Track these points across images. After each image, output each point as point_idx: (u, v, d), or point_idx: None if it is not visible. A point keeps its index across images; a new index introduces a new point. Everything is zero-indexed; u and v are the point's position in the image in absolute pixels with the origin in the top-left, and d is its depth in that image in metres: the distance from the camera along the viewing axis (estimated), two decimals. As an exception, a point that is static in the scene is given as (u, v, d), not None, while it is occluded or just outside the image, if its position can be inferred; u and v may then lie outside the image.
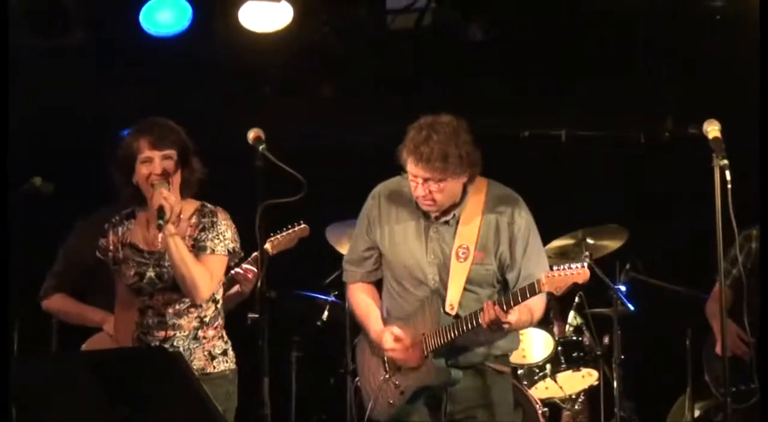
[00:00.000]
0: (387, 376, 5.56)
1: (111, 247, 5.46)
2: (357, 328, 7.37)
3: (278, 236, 6.32)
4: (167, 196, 5.26)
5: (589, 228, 7.48)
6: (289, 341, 7.67)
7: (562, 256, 7.52)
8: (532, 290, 5.22)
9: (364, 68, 7.89)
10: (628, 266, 7.60)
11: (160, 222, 5.21)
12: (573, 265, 5.16)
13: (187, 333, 5.39)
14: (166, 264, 5.34)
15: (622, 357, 7.24)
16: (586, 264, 5.16)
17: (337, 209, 7.41)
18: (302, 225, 6.34)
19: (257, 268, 5.70)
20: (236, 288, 6.34)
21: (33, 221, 6.90)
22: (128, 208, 5.51)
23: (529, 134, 8.54)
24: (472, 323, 5.31)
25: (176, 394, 4.62)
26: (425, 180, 5.37)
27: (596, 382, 7.54)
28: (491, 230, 5.48)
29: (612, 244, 7.55)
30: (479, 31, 7.61)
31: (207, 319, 5.46)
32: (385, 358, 5.57)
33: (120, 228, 5.48)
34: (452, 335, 5.36)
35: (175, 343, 5.36)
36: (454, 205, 5.49)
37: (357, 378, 5.85)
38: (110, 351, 5.30)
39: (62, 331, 6.81)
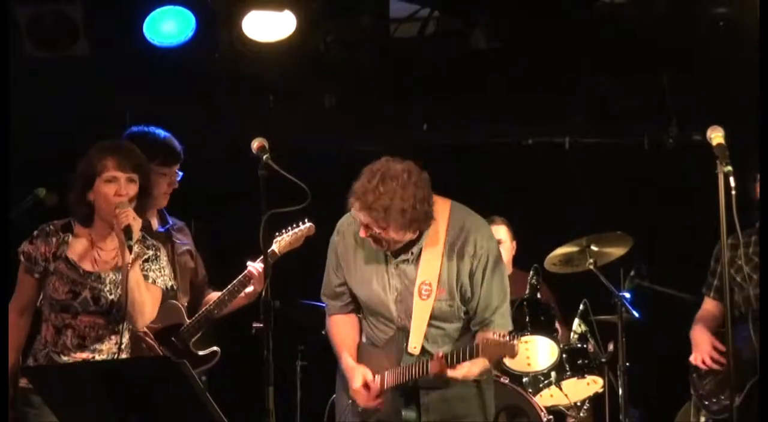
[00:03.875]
0: (351, 402, 5.57)
1: (39, 256, 5.35)
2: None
3: (285, 236, 6.32)
4: (135, 217, 5.23)
5: (594, 235, 7.48)
6: (294, 350, 7.67)
7: (567, 263, 7.53)
8: (471, 353, 5.18)
9: (368, 77, 7.89)
10: (632, 273, 7.59)
11: (130, 243, 5.15)
12: (508, 340, 5.11)
13: (105, 356, 5.36)
14: (105, 288, 5.32)
15: (627, 364, 7.24)
16: (516, 342, 5.09)
17: (341, 218, 7.41)
18: (308, 224, 6.34)
19: (263, 275, 5.68)
20: (243, 293, 6.34)
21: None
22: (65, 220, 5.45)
23: (533, 142, 8.56)
24: (422, 371, 5.30)
25: (182, 402, 4.62)
26: (367, 225, 5.34)
27: (601, 389, 7.53)
28: (453, 263, 5.42)
29: (616, 251, 7.56)
30: (482, 39, 7.61)
31: (123, 346, 5.42)
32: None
33: (54, 239, 5.38)
34: (407, 377, 5.36)
35: None
36: (412, 243, 5.43)
37: (334, 395, 5.89)
38: (118, 361, 5.30)
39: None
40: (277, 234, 6.29)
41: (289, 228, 6.32)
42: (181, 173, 6.40)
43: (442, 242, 5.42)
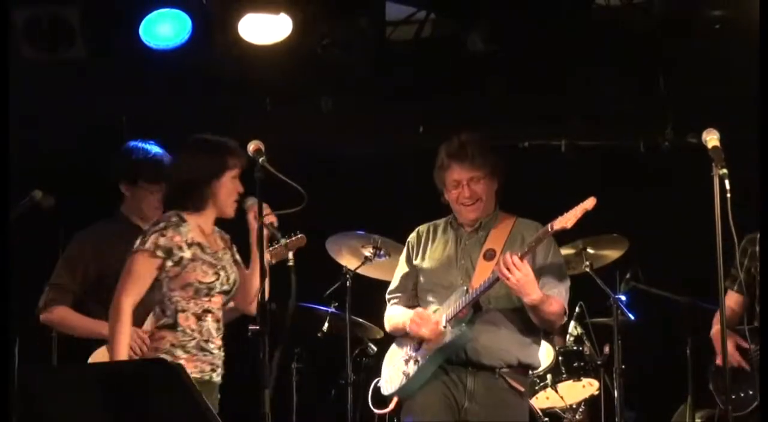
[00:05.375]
0: (407, 357, 5.90)
1: (174, 246, 5.39)
2: (357, 340, 7.42)
3: (276, 246, 6.34)
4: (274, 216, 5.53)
5: (590, 237, 7.47)
6: (290, 352, 7.68)
7: (563, 266, 7.53)
8: (545, 233, 5.70)
9: (364, 79, 7.89)
10: (628, 276, 7.59)
11: (284, 240, 5.72)
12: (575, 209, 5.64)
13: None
14: (228, 266, 5.52)
15: (623, 366, 7.24)
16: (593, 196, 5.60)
17: (338, 221, 7.43)
18: (300, 236, 6.37)
19: (259, 278, 5.69)
20: (231, 304, 6.35)
21: (33, 234, 6.89)
22: (173, 214, 5.51)
23: (529, 144, 8.56)
24: (488, 281, 5.68)
25: (178, 405, 4.62)
26: (469, 180, 5.85)
27: (597, 392, 7.53)
28: (516, 242, 5.85)
29: (612, 254, 7.55)
30: (479, 42, 7.61)
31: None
32: (408, 345, 5.95)
33: (182, 229, 5.45)
34: (470, 299, 5.73)
35: (222, 351, 5.53)
36: (486, 217, 5.92)
37: (377, 379, 6.29)
38: (113, 364, 5.30)
39: (62, 344, 6.81)
40: (268, 245, 6.31)
41: (281, 238, 6.35)
42: None
43: (509, 228, 5.98)
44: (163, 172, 6.33)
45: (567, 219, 5.61)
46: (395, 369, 5.97)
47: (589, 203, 5.63)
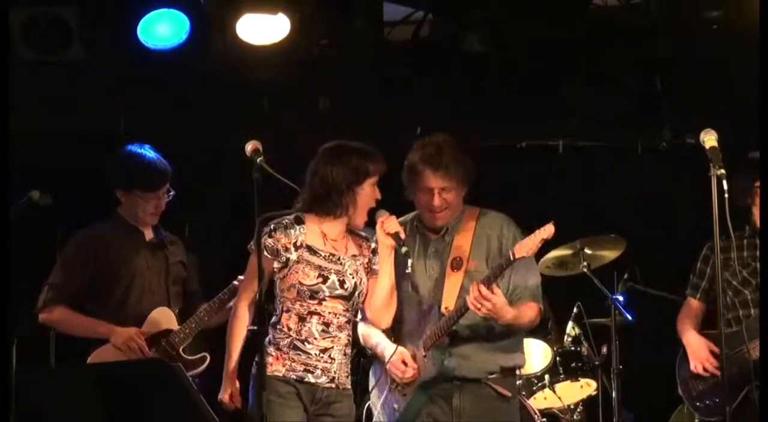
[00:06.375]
0: (393, 386, 5.74)
1: (281, 247, 5.43)
2: (356, 343, 7.42)
3: None
4: (399, 225, 5.53)
5: (587, 238, 7.49)
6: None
7: (560, 266, 7.54)
8: (507, 261, 5.46)
9: (362, 80, 7.90)
10: (626, 276, 7.60)
11: (404, 248, 5.47)
12: (537, 232, 5.42)
13: (341, 347, 5.49)
14: (347, 272, 5.48)
15: (621, 367, 7.25)
16: (551, 222, 5.39)
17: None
18: None
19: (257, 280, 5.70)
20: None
21: (32, 234, 6.89)
22: (292, 214, 5.52)
23: (527, 145, 8.56)
24: (460, 310, 5.53)
25: (176, 405, 4.63)
26: (441, 190, 5.63)
27: (594, 392, 7.54)
28: (482, 242, 5.73)
29: (610, 254, 7.56)
30: (476, 42, 7.61)
31: (350, 339, 5.58)
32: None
33: (291, 231, 5.46)
34: (445, 327, 5.59)
35: (332, 355, 5.45)
36: (453, 219, 5.77)
37: (370, 401, 6.06)
38: (111, 364, 5.30)
39: (61, 344, 6.80)
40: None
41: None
42: (171, 193, 6.39)
43: (473, 227, 5.78)
44: (157, 179, 6.33)
45: (528, 248, 5.42)
46: (387, 401, 5.83)
47: (547, 232, 5.43)
